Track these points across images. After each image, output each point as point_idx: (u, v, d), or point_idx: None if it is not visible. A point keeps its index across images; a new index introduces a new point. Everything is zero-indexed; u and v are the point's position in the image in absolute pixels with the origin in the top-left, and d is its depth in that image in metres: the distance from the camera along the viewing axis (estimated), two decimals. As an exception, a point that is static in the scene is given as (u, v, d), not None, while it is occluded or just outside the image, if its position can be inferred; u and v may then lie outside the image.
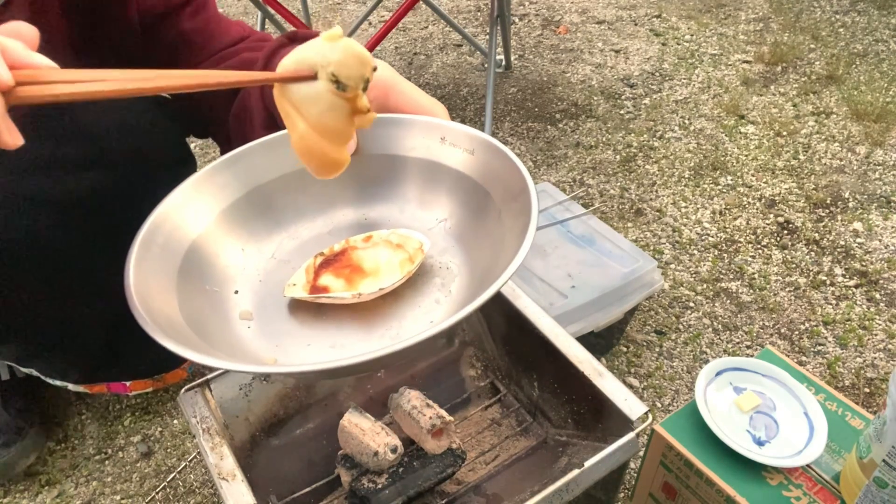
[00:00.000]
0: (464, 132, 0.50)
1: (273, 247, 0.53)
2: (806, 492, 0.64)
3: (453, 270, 0.49)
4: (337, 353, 0.45)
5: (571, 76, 1.80)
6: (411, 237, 0.50)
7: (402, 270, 0.47)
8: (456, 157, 0.51)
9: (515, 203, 0.44)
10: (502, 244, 0.44)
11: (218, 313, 0.47)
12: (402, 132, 0.53)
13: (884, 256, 1.21)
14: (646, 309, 1.12)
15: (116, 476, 0.92)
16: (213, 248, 0.49)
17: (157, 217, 0.46)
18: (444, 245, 0.51)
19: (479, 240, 0.49)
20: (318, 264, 0.49)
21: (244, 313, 0.48)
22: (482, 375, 0.81)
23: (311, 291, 0.47)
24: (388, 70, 0.52)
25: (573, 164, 1.48)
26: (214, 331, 0.44)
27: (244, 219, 0.52)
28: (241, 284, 0.50)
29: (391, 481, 0.63)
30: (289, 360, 0.45)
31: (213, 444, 0.58)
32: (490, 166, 0.48)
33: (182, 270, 0.45)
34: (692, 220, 1.31)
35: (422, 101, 0.52)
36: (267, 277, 0.51)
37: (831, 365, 1.02)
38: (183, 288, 0.44)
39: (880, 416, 0.59)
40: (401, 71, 1.86)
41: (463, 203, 0.51)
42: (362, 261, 0.49)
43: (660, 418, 0.95)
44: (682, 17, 2.08)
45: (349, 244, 0.51)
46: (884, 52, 1.85)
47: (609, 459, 0.57)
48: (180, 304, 0.43)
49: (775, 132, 1.56)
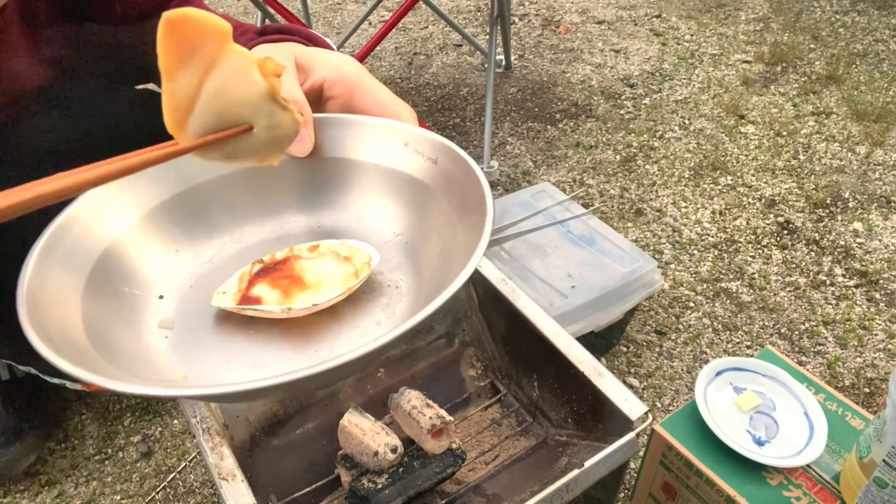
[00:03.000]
0: (428, 138, 0.47)
1: (212, 251, 0.49)
2: (806, 492, 0.64)
3: (402, 289, 0.45)
4: (257, 372, 0.41)
5: (571, 76, 1.80)
6: (361, 249, 0.46)
7: (344, 285, 0.43)
8: (418, 165, 0.47)
9: (472, 217, 0.41)
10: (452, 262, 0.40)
11: (130, 320, 0.42)
12: (364, 135, 0.49)
13: (884, 256, 1.21)
14: (646, 309, 1.12)
15: (116, 476, 0.92)
16: (139, 248, 0.45)
17: (69, 214, 0.42)
18: (396, 261, 0.47)
19: (432, 258, 0.45)
20: (255, 272, 0.45)
21: (164, 321, 0.44)
22: (482, 375, 0.81)
23: (241, 301, 0.43)
24: (353, 66, 0.49)
25: (573, 164, 1.48)
26: (120, 340, 0.40)
27: (180, 219, 0.48)
28: (168, 289, 0.46)
29: (391, 481, 0.63)
30: (200, 377, 0.40)
31: (213, 444, 0.58)
32: (452, 176, 0.45)
33: (96, 271, 0.41)
34: (692, 220, 1.31)
35: (387, 102, 0.49)
36: (199, 283, 0.46)
37: (831, 365, 1.02)
38: (92, 291, 0.40)
39: (880, 416, 0.59)
40: (401, 71, 1.86)
41: (422, 216, 0.47)
42: (304, 272, 0.45)
43: (660, 418, 0.95)
44: (682, 17, 2.08)
45: (293, 253, 0.47)
46: (884, 52, 1.85)
47: (609, 459, 0.57)
48: (84, 308, 0.39)
49: (775, 132, 1.56)
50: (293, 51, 0.50)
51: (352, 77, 0.49)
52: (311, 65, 0.49)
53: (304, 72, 0.49)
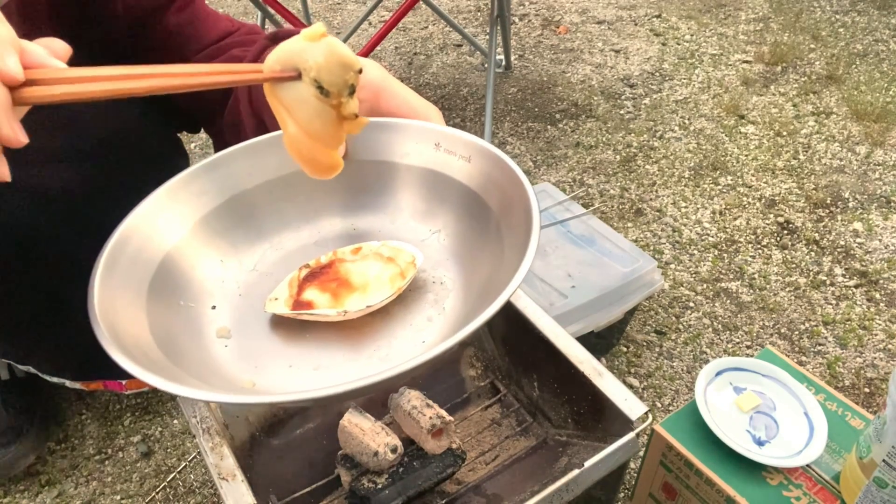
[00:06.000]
0: (460, 138, 0.48)
1: (255, 258, 0.50)
2: (806, 492, 0.64)
3: (447, 286, 0.46)
4: (321, 375, 0.42)
5: (571, 76, 1.80)
6: (403, 250, 0.47)
7: (392, 286, 0.44)
8: (451, 164, 0.48)
9: (514, 214, 0.42)
10: (501, 258, 0.42)
11: (192, 332, 0.44)
12: (394, 137, 0.50)
13: (884, 256, 1.21)
14: (646, 309, 1.12)
15: (116, 476, 0.92)
16: (189, 261, 0.46)
17: (126, 228, 0.43)
18: (437, 258, 0.48)
19: (475, 253, 0.46)
20: (303, 277, 0.46)
21: (221, 330, 0.45)
22: (482, 375, 0.81)
23: (294, 307, 0.44)
24: (378, 71, 0.50)
25: (573, 164, 1.48)
26: (187, 351, 0.41)
27: (223, 228, 0.49)
28: (219, 299, 0.47)
29: (391, 481, 0.63)
30: (268, 382, 0.42)
31: (213, 444, 0.58)
32: (488, 174, 0.46)
33: (154, 285, 0.43)
34: (692, 220, 1.31)
35: (415, 104, 0.50)
36: (247, 291, 0.48)
37: (831, 365, 1.02)
38: (154, 304, 0.42)
39: (880, 416, 0.59)
40: (401, 71, 1.86)
41: (459, 214, 0.49)
42: (350, 274, 0.46)
43: (660, 418, 0.95)
44: (682, 17, 2.08)
45: (337, 256, 0.48)
46: (884, 52, 1.85)
47: (609, 459, 0.57)
48: (150, 322, 0.40)
49: (775, 132, 1.56)
50: None
51: (377, 80, 0.50)
52: None
53: None
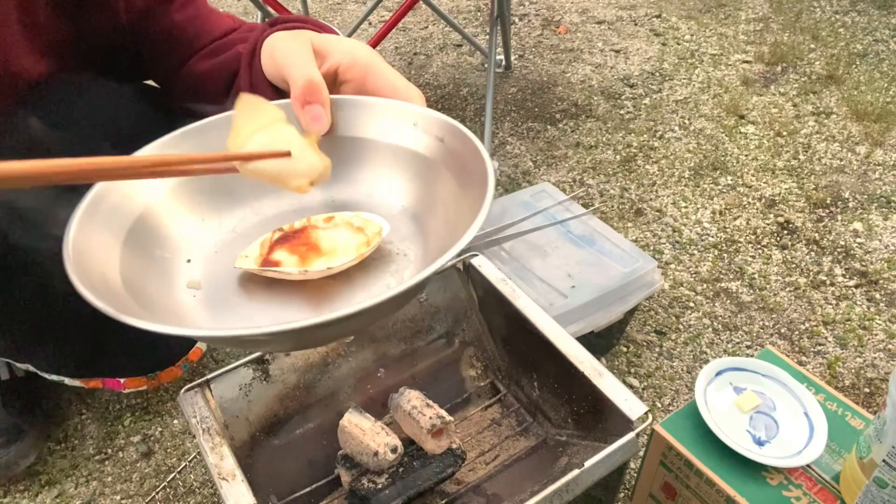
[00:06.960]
0: (435, 119, 0.50)
1: (235, 221, 0.53)
2: (806, 492, 0.64)
3: (409, 257, 0.49)
4: None
5: (571, 76, 1.80)
6: (373, 221, 0.50)
7: (356, 253, 0.47)
8: (425, 143, 0.51)
9: (474, 190, 0.44)
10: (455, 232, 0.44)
11: (163, 279, 0.47)
12: (376, 115, 0.53)
13: (884, 256, 1.21)
14: (646, 309, 1.12)
15: (116, 476, 0.92)
16: (171, 216, 0.49)
17: (103, 186, 0.46)
18: (405, 232, 0.51)
19: (438, 229, 0.49)
20: (275, 239, 0.49)
21: (192, 282, 0.48)
22: (482, 375, 0.81)
23: (262, 264, 0.47)
24: (366, 51, 0.52)
25: (573, 164, 1.48)
26: (154, 296, 0.44)
27: (206, 191, 0.52)
28: (195, 254, 0.50)
29: (391, 481, 0.63)
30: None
31: (213, 444, 0.58)
32: (457, 154, 0.49)
33: (132, 233, 0.45)
34: (692, 220, 1.31)
35: (398, 85, 0.52)
36: (223, 249, 0.51)
37: (831, 365, 1.02)
38: (129, 250, 0.44)
39: (880, 416, 0.59)
40: (401, 71, 1.86)
41: (429, 191, 0.51)
42: (320, 240, 0.49)
43: (660, 418, 0.95)
44: (682, 17, 2.08)
45: (310, 223, 0.51)
46: (884, 52, 1.85)
47: (609, 459, 0.57)
48: (122, 266, 0.43)
49: (775, 132, 1.56)
50: (310, 37, 0.53)
51: (365, 61, 0.52)
52: (327, 50, 0.52)
53: (320, 57, 0.52)
